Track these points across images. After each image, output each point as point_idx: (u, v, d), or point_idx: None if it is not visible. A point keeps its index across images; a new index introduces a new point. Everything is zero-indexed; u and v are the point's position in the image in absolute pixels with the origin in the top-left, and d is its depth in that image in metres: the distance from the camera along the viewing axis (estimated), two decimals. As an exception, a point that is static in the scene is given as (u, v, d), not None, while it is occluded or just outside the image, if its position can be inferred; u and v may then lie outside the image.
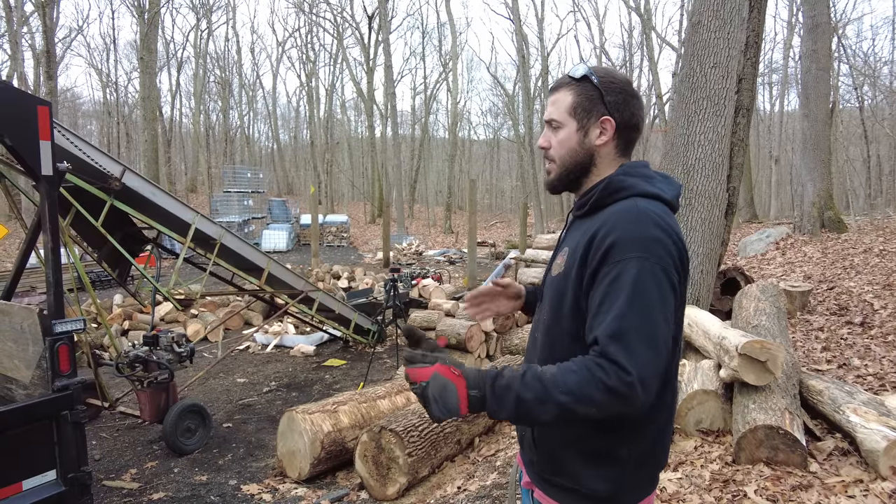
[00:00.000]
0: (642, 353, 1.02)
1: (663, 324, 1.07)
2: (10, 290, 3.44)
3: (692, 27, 4.63)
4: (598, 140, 1.24)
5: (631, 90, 1.25)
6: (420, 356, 1.09)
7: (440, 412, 1.04)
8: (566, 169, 1.28)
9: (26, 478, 2.60)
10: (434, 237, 26.76)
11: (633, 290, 1.05)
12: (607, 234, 1.11)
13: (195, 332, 7.75)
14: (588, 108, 1.23)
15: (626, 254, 1.08)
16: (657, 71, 24.18)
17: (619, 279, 1.07)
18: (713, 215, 4.49)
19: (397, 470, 3.46)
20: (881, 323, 5.02)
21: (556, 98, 1.27)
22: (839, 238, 10.11)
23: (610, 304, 1.06)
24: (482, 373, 1.08)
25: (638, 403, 1.03)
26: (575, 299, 1.17)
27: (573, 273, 1.17)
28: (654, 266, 1.07)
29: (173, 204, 4.97)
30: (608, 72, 1.26)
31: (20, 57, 21.61)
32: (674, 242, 1.12)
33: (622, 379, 1.00)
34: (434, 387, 1.04)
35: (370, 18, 30.38)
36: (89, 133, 42.00)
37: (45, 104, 2.77)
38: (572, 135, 1.25)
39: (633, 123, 1.25)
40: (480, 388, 1.05)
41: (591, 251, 1.13)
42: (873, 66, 25.69)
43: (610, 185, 1.21)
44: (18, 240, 14.22)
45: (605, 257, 1.10)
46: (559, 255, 1.28)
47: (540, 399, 1.03)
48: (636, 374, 1.00)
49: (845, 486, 2.50)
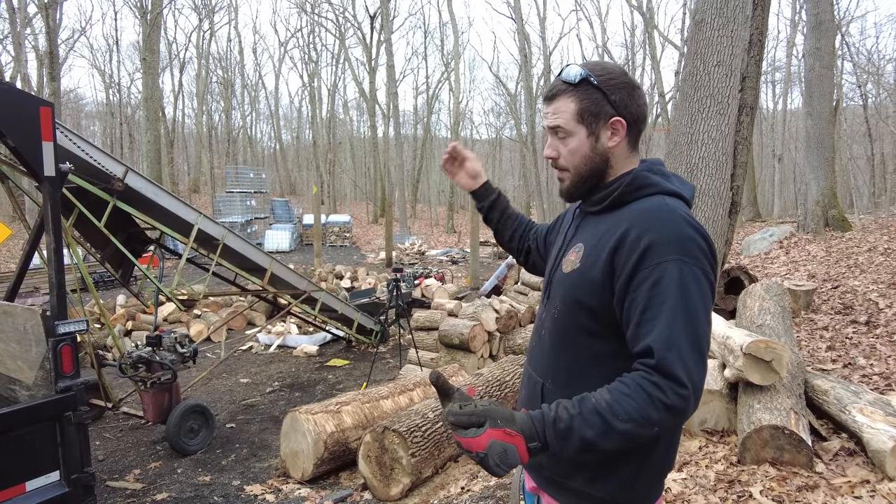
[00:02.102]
0: (694, 363, 1.00)
1: (706, 326, 1.05)
2: (13, 291, 3.44)
3: (695, 25, 4.61)
4: (611, 142, 1.20)
5: (631, 82, 1.21)
6: (467, 418, 1.02)
7: (503, 472, 1.01)
8: (582, 177, 1.23)
9: (30, 479, 2.60)
10: (436, 237, 26.77)
11: (678, 296, 1.02)
12: (641, 235, 1.08)
13: (198, 332, 7.76)
14: (595, 112, 1.18)
15: (664, 256, 1.05)
16: (660, 70, 24.13)
17: (661, 284, 1.04)
18: (717, 214, 4.48)
19: (401, 470, 3.45)
20: (886, 322, 4.99)
21: (558, 106, 1.21)
22: (843, 237, 10.07)
23: (655, 312, 1.03)
24: (536, 421, 1.03)
25: (690, 413, 1.02)
26: (597, 297, 1.13)
27: (595, 272, 1.13)
28: (693, 268, 1.05)
29: (176, 204, 4.97)
30: (604, 68, 1.21)
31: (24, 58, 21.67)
32: (706, 241, 1.09)
33: (679, 394, 0.99)
34: (493, 454, 0.99)
35: (372, 18, 30.40)
36: (92, 134, 42.11)
37: (47, 105, 2.77)
38: (584, 142, 1.20)
39: (641, 116, 1.21)
40: (539, 439, 1.01)
41: (623, 252, 1.09)
42: (877, 64, 25.61)
43: (635, 182, 1.18)
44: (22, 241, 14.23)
45: (642, 259, 1.06)
46: (571, 251, 1.24)
47: (602, 433, 1.00)
48: (691, 385, 0.99)
49: (852, 486, 2.48)
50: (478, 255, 12.52)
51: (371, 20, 30.53)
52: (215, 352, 7.46)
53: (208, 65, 36.68)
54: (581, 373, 1.18)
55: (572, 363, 1.20)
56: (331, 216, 24.56)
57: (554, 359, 1.24)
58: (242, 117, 41.97)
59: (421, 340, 6.50)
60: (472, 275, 12.19)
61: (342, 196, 41.50)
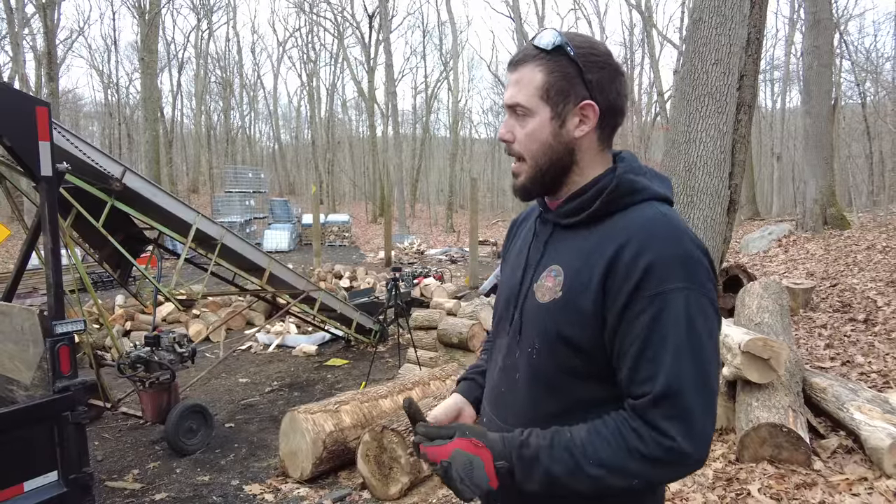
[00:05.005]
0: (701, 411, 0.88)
1: (715, 366, 0.91)
2: (10, 292, 3.44)
3: (693, 24, 4.62)
4: (578, 131, 1.00)
5: (615, 65, 1.01)
6: (436, 430, 0.95)
7: (469, 492, 0.91)
8: (540, 169, 1.02)
9: (28, 479, 2.60)
10: (436, 236, 26.74)
11: (683, 333, 0.88)
12: (639, 255, 0.90)
13: (197, 332, 7.75)
14: (564, 89, 0.97)
15: (666, 283, 0.89)
16: (658, 68, 24.18)
17: (663, 318, 0.88)
18: (715, 212, 4.48)
19: (399, 469, 3.45)
20: (885, 320, 4.99)
21: (521, 76, 1.00)
22: (842, 235, 10.08)
23: (655, 352, 0.88)
24: (507, 440, 0.94)
25: (691, 463, 0.89)
26: (586, 332, 0.95)
27: (584, 302, 0.95)
28: (700, 297, 0.90)
29: (174, 204, 4.97)
30: (587, 41, 1.00)
31: (22, 58, 21.65)
32: (709, 260, 0.94)
33: (663, 446, 0.86)
34: (458, 465, 0.91)
35: (371, 18, 30.38)
36: (91, 134, 42.07)
37: (44, 105, 2.76)
38: (545, 125, 0.99)
39: (619, 107, 1.02)
40: (507, 459, 0.92)
41: (618, 275, 0.91)
42: (875, 63, 25.59)
43: (621, 187, 0.98)
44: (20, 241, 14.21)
45: (641, 285, 0.89)
46: (545, 276, 1.02)
47: (570, 472, 0.89)
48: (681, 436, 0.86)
49: (849, 483, 2.49)
50: (477, 255, 12.52)
51: (370, 19, 30.53)
52: (214, 351, 7.45)
53: (207, 65, 36.70)
54: (568, 422, 0.97)
55: (558, 412, 1.00)
56: (330, 216, 24.54)
57: (533, 408, 1.03)
58: (241, 117, 42.04)
59: (420, 340, 6.50)
60: (470, 274, 12.19)
61: (341, 195, 41.50)
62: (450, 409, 1.21)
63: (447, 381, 4.79)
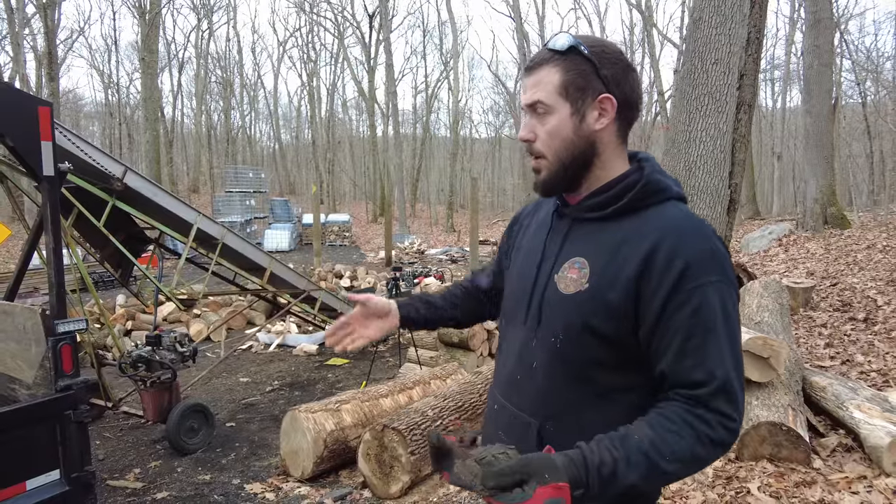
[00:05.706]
0: (741, 392, 0.95)
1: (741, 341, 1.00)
2: (12, 291, 3.45)
3: (693, 23, 4.62)
4: (598, 124, 1.03)
5: (627, 61, 1.05)
6: (510, 479, 0.86)
7: None
8: (563, 165, 1.05)
9: (30, 478, 2.61)
10: (436, 236, 26.73)
11: (722, 323, 0.95)
12: (674, 255, 0.95)
13: (198, 331, 7.76)
14: (582, 85, 1.01)
15: (702, 278, 0.94)
16: (658, 68, 24.17)
17: (703, 310, 0.94)
18: (715, 212, 4.49)
19: (400, 468, 3.46)
20: (885, 319, 5.00)
21: (539, 78, 1.04)
22: (842, 234, 10.08)
23: (701, 341, 0.94)
24: (579, 466, 0.89)
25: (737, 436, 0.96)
26: (614, 324, 0.99)
27: (614, 295, 0.98)
28: (730, 290, 0.97)
29: (175, 204, 4.97)
30: (599, 41, 1.06)
31: (22, 59, 21.67)
32: (726, 248, 1.01)
33: (728, 428, 0.93)
34: None
35: (371, 17, 30.38)
36: (91, 134, 42.07)
37: (46, 105, 2.77)
38: (566, 121, 1.02)
39: (633, 101, 1.05)
40: (581, 484, 0.88)
41: (654, 274, 0.96)
42: (876, 62, 25.60)
43: (649, 186, 1.03)
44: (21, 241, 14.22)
45: (679, 283, 0.94)
46: (568, 268, 1.05)
47: (646, 475, 0.90)
48: (738, 415, 0.94)
49: (849, 482, 2.49)
50: (477, 254, 12.53)
51: (370, 19, 30.52)
52: (215, 351, 7.46)
53: (207, 64, 36.71)
54: (587, 410, 1.03)
55: (579, 401, 1.04)
56: (330, 215, 24.55)
57: (555, 397, 1.06)
58: (241, 117, 42.02)
59: (420, 339, 6.50)
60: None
61: (341, 195, 41.52)
62: (382, 306, 1.29)
63: (448, 381, 4.80)
